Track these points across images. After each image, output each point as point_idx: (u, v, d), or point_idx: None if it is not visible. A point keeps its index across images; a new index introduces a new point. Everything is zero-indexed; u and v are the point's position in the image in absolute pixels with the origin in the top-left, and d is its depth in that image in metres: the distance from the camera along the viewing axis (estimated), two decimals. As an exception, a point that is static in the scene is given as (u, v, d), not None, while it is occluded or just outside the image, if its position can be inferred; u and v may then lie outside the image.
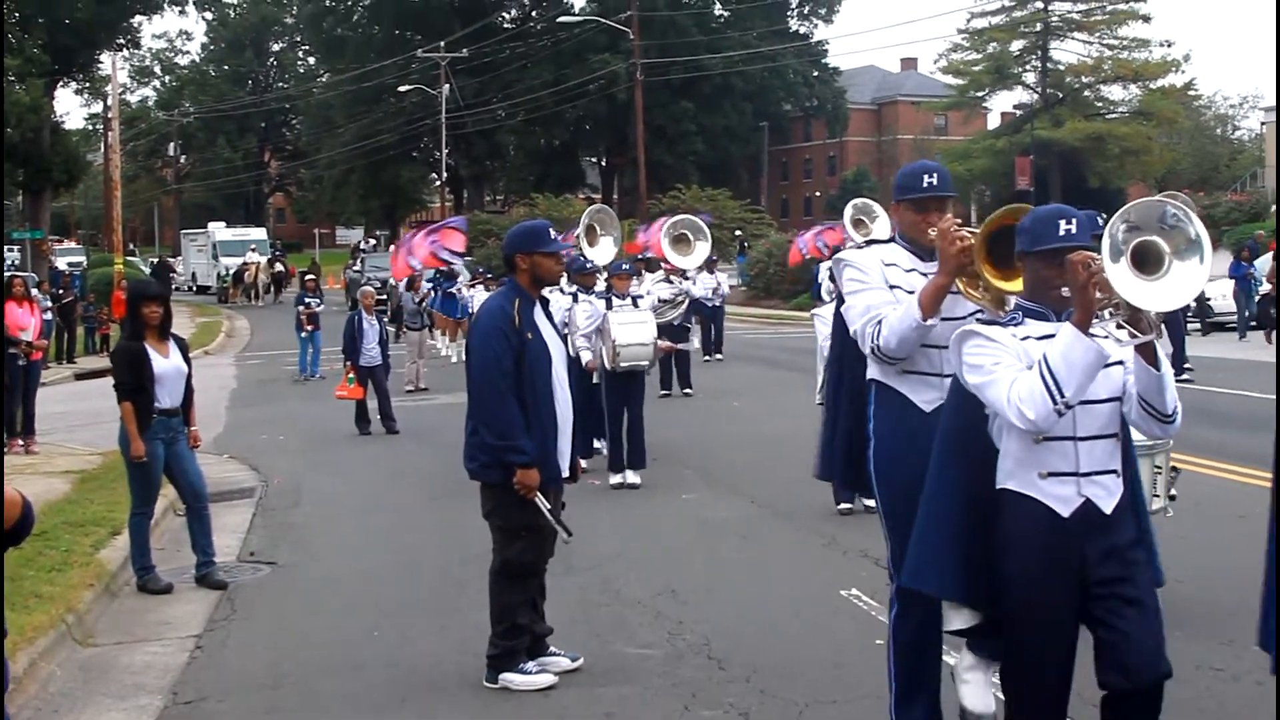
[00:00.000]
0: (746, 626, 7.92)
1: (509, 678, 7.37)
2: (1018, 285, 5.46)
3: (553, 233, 7.62)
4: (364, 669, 7.95)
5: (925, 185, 5.91)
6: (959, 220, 5.74)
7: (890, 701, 6.10)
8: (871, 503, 11.32)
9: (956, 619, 5.17)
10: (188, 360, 10.27)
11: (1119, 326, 4.70)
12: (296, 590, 10.14)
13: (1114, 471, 4.95)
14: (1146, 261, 4.52)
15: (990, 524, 4.99)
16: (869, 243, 7.43)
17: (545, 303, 7.62)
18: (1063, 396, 4.64)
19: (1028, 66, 79.26)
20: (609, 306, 13.33)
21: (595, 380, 13.69)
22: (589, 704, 7.14)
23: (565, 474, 7.57)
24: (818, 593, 9.25)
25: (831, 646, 7.96)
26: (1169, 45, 77.97)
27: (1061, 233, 4.85)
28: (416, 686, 7.61)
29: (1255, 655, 7.31)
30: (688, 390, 21.66)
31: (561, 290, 15.11)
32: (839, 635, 8.22)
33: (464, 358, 12.59)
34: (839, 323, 6.24)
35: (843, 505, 11.68)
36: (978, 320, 5.21)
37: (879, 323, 5.74)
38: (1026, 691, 4.97)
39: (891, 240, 6.16)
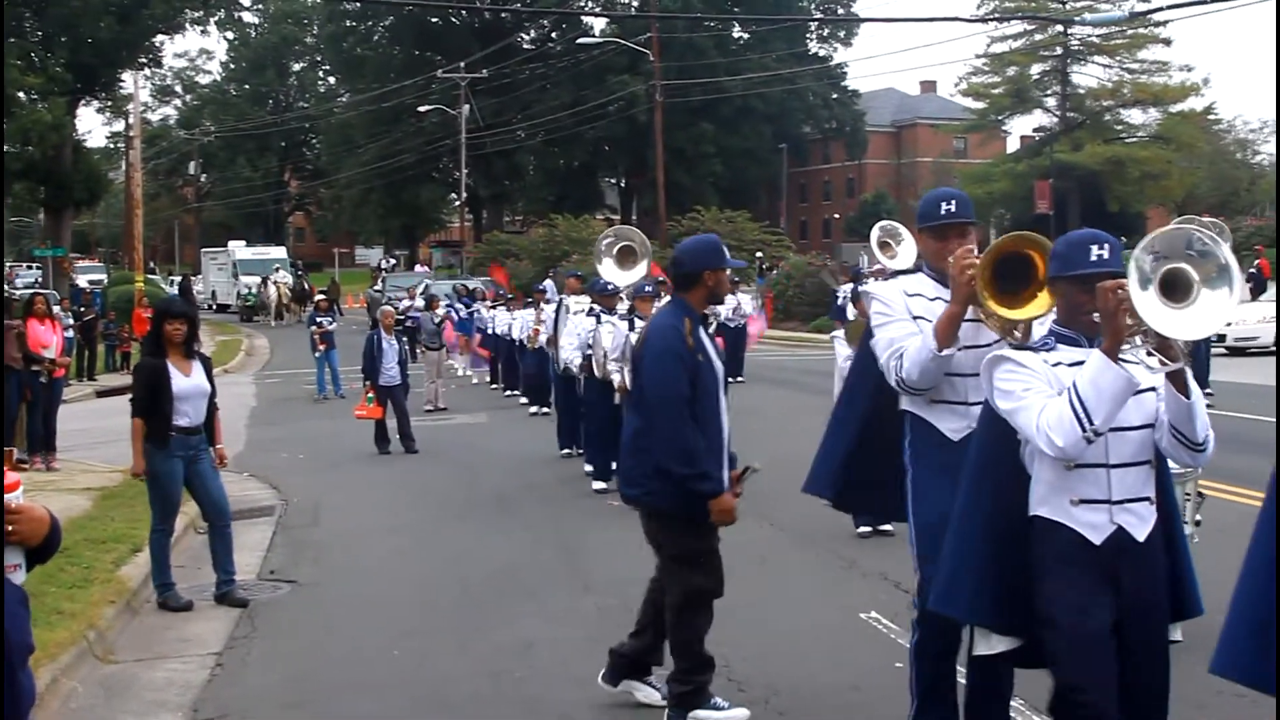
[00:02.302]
0: (766, 648, 7.91)
1: (702, 715, 6.96)
2: (1025, 313, 5.45)
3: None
4: (383, 688, 7.96)
5: (943, 212, 5.92)
6: (971, 248, 5.74)
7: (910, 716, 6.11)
8: (887, 527, 11.42)
9: (985, 644, 5.11)
10: (211, 379, 10.31)
11: (1149, 354, 4.65)
12: (316, 609, 10.16)
13: (1147, 499, 4.89)
14: (1175, 289, 4.48)
15: (1022, 550, 4.93)
16: (896, 273, 7.41)
17: (705, 321, 7.36)
18: (1092, 424, 4.60)
19: (1048, 90, 79.30)
20: (631, 328, 13.35)
21: (617, 401, 13.74)
22: (610, 726, 7.13)
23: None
24: (837, 615, 9.25)
25: (851, 669, 7.95)
26: (1189, 69, 78.46)
27: (1093, 258, 4.83)
28: (436, 706, 7.61)
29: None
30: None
31: (587, 312, 15.21)
32: (858, 658, 8.20)
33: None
34: (866, 351, 6.24)
35: (862, 528, 11.66)
36: (1010, 345, 5.18)
37: (900, 355, 5.75)
38: (1067, 707, 4.87)
39: (918, 270, 6.16)
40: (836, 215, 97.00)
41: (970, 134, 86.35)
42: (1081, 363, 4.76)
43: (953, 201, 5.93)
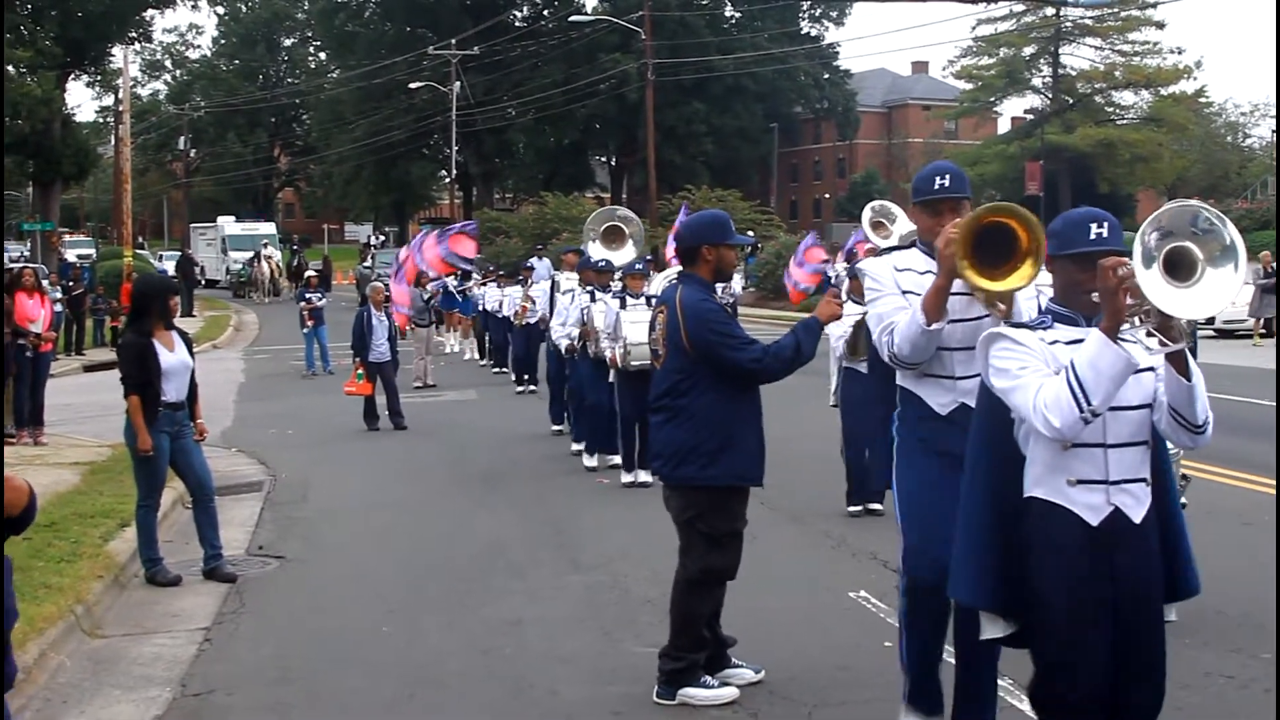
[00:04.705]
0: (755, 627, 7.88)
1: (690, 693, 6.97)
2: (1006, 284, 5.42)
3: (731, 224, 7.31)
4: (372, 665, 7.94)
5: (937, 187, 5.89)
6: (959, 222, 5.70)
7: (904, 690, 6.13)
8: (876, 506, 11.45)
9: (991, 628, 5.04)
10: (192, 354, 10.30)
11: (1149, 334, 4.59)
12: (305, 585, 10.14)
13: (1143, 480, 4.82)
14: (1179, 268, 4.43)
15: (1017, 531, 4.88)
16: (888, 249, 7.38)
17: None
18: (1090, 404, 4.53)
19: (1039, 71, 79.26)
20: (623, 305, 13.33)
21: (610, 379, 13.74)
22: (596, 703, 7.12)
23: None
24: (826, 594, 9.24)
25: (840, 648, 7.95)
26: (1180, 52, 78.16)
27: (1092, 236, 4.76)
28: (425, 682, 7.60)
29: (1264, 663, 7.33)
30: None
31: (578, 289, 15.21)
32: (847, 637, 8.21)
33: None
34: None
35: (852, 508, 11.67)
36: (1006, 323, 5.12)
37: (892, 330, 5.74)
38: (1056, 702, 4.81)
39: (912, 245, 6.14)
40: (827, 195, 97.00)
41: (962, 116, 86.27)
42: (1079, 341, 4.69)
43: (947, 176, 5.89)
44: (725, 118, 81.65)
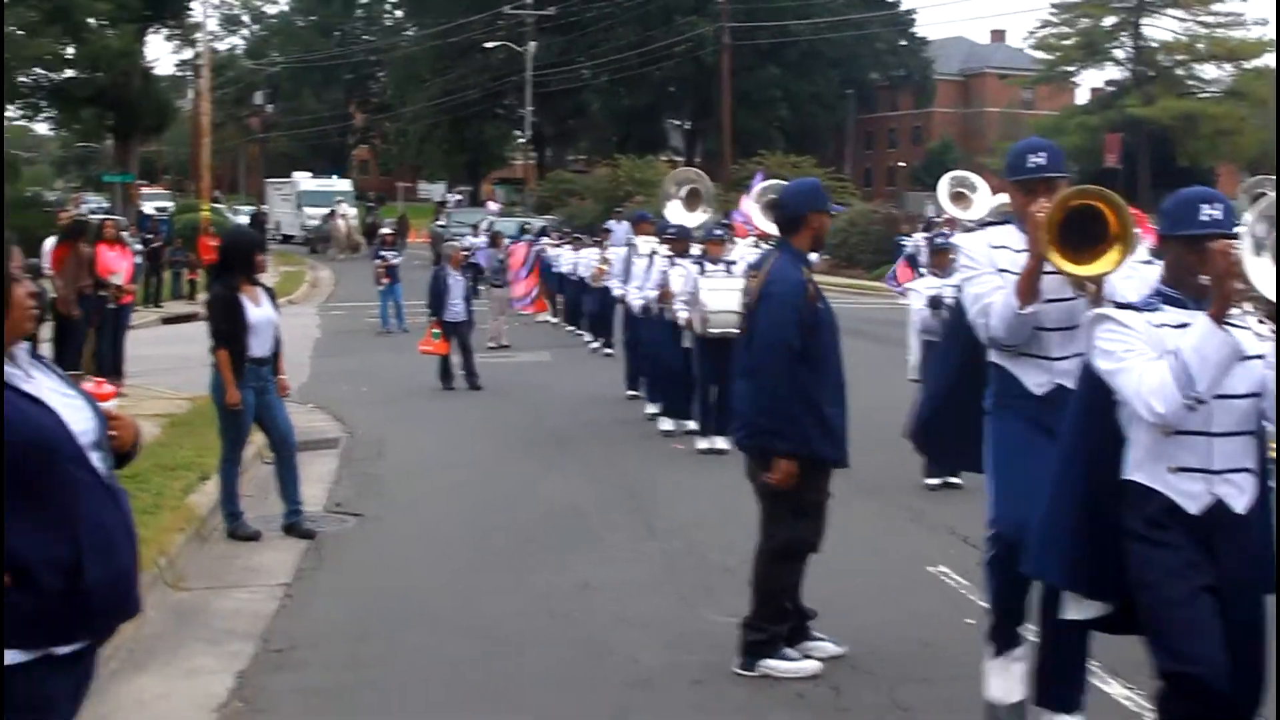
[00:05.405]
0: (833, 599, 7.81)
1: (772, 664, 6.93)
2: (1092, 269, 5.31)
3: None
4: (446, 623, 8.00)
5: (1031, 165, 5.77)
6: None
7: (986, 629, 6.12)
8: (956, 480, 11.35)
9: (1076, 609, 4.98)
10: (276, 309, 10.35)
11: (1260, 321, 4.51)
12: (381, 542, 10.20)
13: (1248, 470, 4.70)
14: None
15: (1117, 515, 4.79)
16: (984, 224, 7.27)
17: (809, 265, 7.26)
18: (1194, 391, 4.43)
19: (1119, 43, 78.17)
20: (701, 272, 13.27)
21: (686, 344, 13.70)
22: (676, 671, 7.10)
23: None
24: (905, 568, 9.18)
25: (921, 624, 7.88)
26: (1265, 24, 76.58)
27: (1204, 217, 4.64)
28: (499, 642, 7.63)
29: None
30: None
31: (657, 254, 15.18)
32: (928, 612, 8.14)
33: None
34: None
35: (930, 480, 11.58)
36: (1113, 304, 5.02)
37: (988, 311, 5.66)
38: (1174, 689, 4.67)
39: (1007, 222, 6.04)
40: (902, 163, 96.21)
41: (1039, 86, 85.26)
42: (1186, 325, 4.58)
43: (1042, 154, 5.77)
44: (801, 83, 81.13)
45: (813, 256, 7.47)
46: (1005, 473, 5.84)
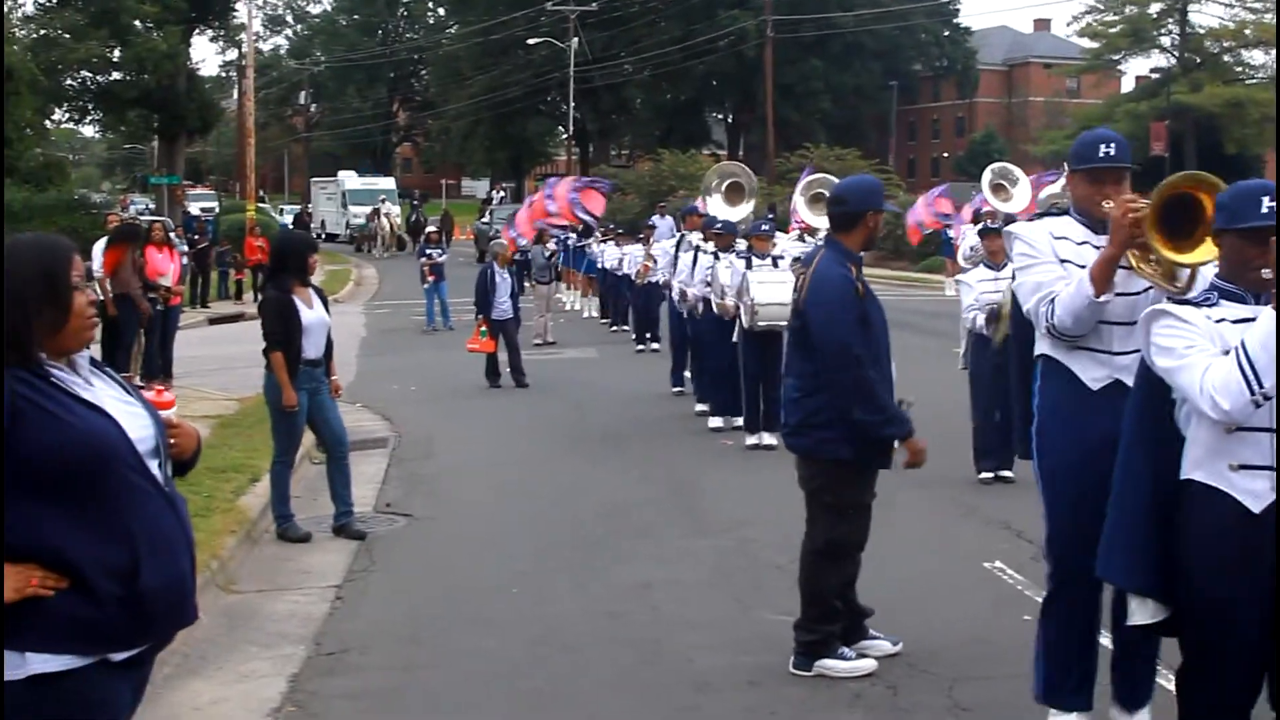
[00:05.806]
0: (888, 596, 7.72)
1: (829, 664, 6.89)
2: (1194, 257, 5.21)
3: None
4: (500, 625, 7.95)
5: (1101, 155, 5.67)
6: (1134, 196, 5.50)
7: (1036, 687, 5.97)
8: (1008, 473, 11.25)
9: (1141, 613, 4.88)
10: (328, 311, 10.34)
11: None
12: (432, 543, 10.18)
13: None
14: None
15: (1174, 514, 4.68)
16: (1040, 215, 7.14)
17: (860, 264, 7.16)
18: (1261, 387, 4.30)
19: (1165, 30, 77.52)
20: (748, 266, 13.19)
21: (734, 339, 13.63)
22: (732, 672, 7.05)
23: None
24: (959, 564, 9.10)
25: (977, 620, 7.81)
26: (1316, 9, 75.78)
27: (1264, 210, 4.52)
28: (554, 645, 7.58)
29: None
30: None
31: (701, 249, 15.11)
32: (984, 608, 8.07)
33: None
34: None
35: (983, 474, 11.49)
36: (1171, 300, 4.92)
37: (1052, 301, 5.55)
38: (1204, 698, 4.64)
39: (1065, 212, 5.94)
40: (945, 154, 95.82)
41: (1084, 74, 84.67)
42: (1246, 320, 4.46)
43: (1112, 145, 5.67)
44: (844, 75, 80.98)
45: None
46: (1059, 497, 5.76)
